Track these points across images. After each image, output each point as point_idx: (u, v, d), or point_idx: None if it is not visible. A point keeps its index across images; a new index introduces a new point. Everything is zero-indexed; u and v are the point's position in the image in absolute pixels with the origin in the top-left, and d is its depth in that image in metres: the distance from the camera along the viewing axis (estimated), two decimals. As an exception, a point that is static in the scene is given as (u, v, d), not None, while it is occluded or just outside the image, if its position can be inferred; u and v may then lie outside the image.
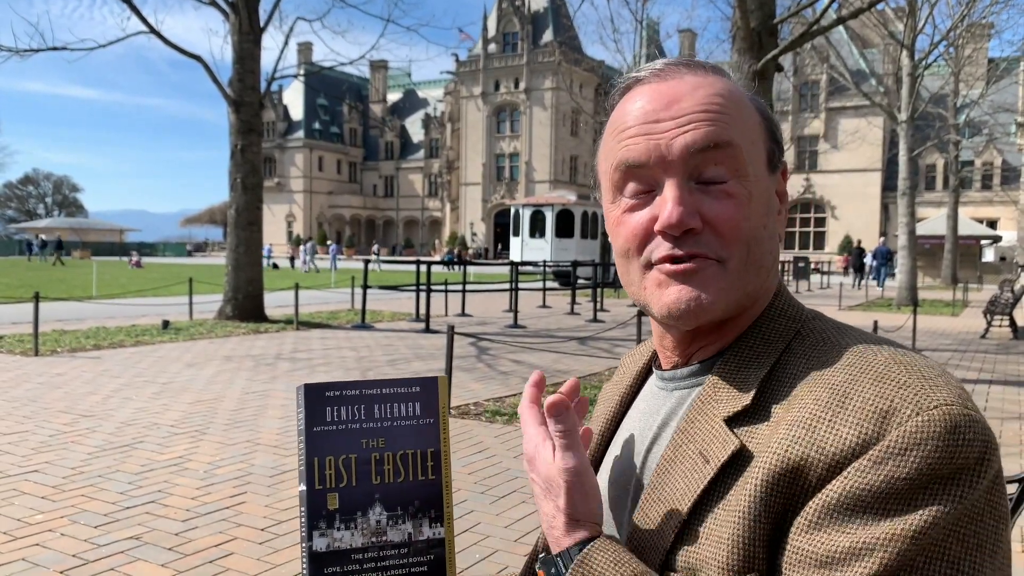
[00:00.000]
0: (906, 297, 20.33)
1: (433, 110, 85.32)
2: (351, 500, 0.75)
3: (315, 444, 0.74)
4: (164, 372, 8.73)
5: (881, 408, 0.64)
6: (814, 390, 0.69)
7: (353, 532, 0.75)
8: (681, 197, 0.74)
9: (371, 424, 0.77)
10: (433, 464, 0.79)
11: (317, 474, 0.74)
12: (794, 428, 0.67)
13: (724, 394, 0.75)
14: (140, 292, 19.95)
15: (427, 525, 0.78)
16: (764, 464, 0.67)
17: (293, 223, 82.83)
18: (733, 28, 9.09)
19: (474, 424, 6.53)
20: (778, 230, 0.81)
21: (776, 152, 0.81)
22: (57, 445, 5.58)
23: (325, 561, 0.74)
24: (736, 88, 0.80)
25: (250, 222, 13.90)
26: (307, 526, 0.73)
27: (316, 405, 0.75)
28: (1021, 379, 9.27)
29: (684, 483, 0.73)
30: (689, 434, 0.76)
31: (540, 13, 71.53)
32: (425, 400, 0.80)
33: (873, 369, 0.68)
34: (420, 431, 0.79)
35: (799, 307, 0.81)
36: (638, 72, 0.82)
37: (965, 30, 23.52)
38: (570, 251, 29.82)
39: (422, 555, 0.78)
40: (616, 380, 0.99)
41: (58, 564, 3.54)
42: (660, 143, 0.75)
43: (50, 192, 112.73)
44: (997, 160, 56.90)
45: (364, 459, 0.76)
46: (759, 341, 0.78)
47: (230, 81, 13.76)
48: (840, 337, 0.75)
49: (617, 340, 12.37)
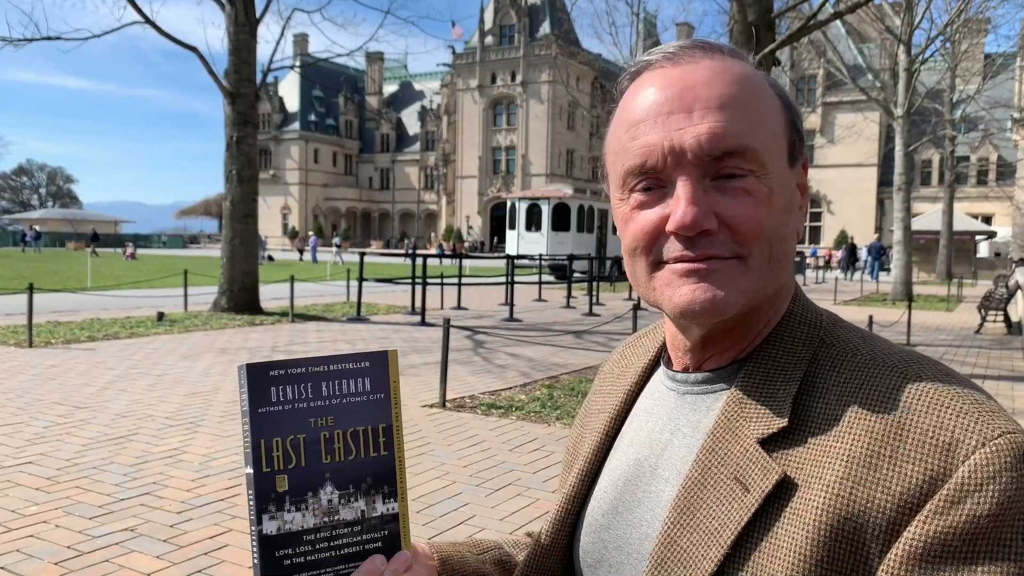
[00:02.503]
0: (901, 292, 20.40)
1: (429, 103, 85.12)
2: (301, 481, 0.73)
3: (261, 426, 0.72)
4: (159, 364, 8.72)
5: (944, 440, 0.62)
6: (863, 418, 0.66)
7: (304, 513, 0.73)
8: (695, 196, 0.69)
9: (319, 402, 0.75)
10: (385, 440, 0.78)
11: (264, 456, 0.72)
12: (853, 466, 0.64)
13: (753, 411, 0.71)
14: (135, 284, 19.89)
15: (380, 501, 0.77)
16: (821, 502, 0.64)
17: (288, 215, 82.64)
18: (730, 22, 9.08)
19: (469, 417, 6.53)
20: (798, 226, 0.76)
21: (797, 143, 0.76)
22: (51, 437, 5.57)
23: (276, 544, 0.72)
24: (756, 74, 0.74)
25: (245, 214, 13.86)
26: (256, 509, 0.72)
27: (260, 385, 0.73)
28: (1015, 374, 9.31)
29: (722, 511, 0.69)
30: (718, 455, 0.71)
31: (537, 6, 71.32)
32: (375, 375, 0.78)
33: (924, 395, 0.65)
34: (371, 407, 0.77)
35: (816, 310, 0.78)
36: (649, 55, 0.76)
37: (962, 25, 23.56)
38: (566, 245, 29.81)
39: (376, 531, 0.77)
40: (619, 372, 0.93)
41: (53, 555, 3.54)
42: (673, 139, 0.70)
43: (44, 183, 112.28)
44: (993, 156, 57.02)
45: (313, 439, 0.74)
46: (783, 351, 0.74)
47: (226, 72, 13.70)
48: (870, 350, 0.72)
49: (613, 334, 12.38)
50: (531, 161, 70.82)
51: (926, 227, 36.58)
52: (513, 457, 5.37)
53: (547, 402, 7.10)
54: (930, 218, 37.84)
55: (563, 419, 6.50)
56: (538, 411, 6.77)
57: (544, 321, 14.60)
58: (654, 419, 0.82)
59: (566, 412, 6.74)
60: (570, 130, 72.37)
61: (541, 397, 7.31)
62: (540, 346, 10.63)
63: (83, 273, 25.09)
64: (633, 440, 0.83)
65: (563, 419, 6.50)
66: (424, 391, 7.54)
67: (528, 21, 70.69)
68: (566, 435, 5.98)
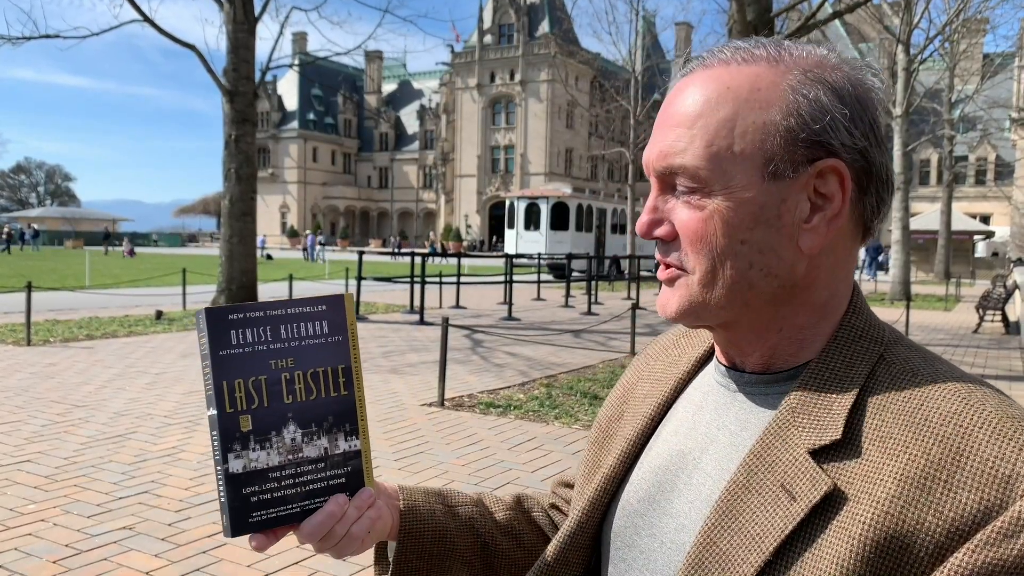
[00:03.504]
0: (899, 292, 20.41)
1: (428, 101, 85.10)
2: (264, 420, 0.75)
3: (222, 368, 0.74)
4: (157, 363, 8.71)
5: (1004, 473, 0.61)
6: (920, 440, 0.65)
7: (269, 451, 0.75)
8: (652, 206, 0.76)
9: (279, 344, 0.77)
10: (345, 380, 0.80)
11: (228, 397, 0.74)
12: (906, 486, 0.63)
13: (806, 420, 0.71)
14: (133, 282, 19.88)
15: (343, 439, 0.80)
16: (869, 518, 0.63)
17: (287, 214, 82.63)
18: (729, 21, 9.09)
19: (468, 416, 6.53)
20: (804, 241, 0.73)
21: (796, 153, 0.71)
22: (50, 435, 5.57)
23: (242, 482, 0.74)
24: (758, 80, 0.72)
25: (244, 212, 13.85)
26: (221, 449, 0.73)
27: (220, 329, 0.74)
28: (1013, 374, 9.33)
29: (765, 518, 0.69)
30: (766, 461, 0.71)
31: (536, 5, 71.33)
32: (332, 318, 0.80)
33: (987, 424, 0.64)
34: (329, 349, 0.80)
35: (880, 326, 0.77)
36: (691, 59, 0.80)
37: (960, 25, 23.58)
38: (565, 244, 29.79)
39: (339, 467, 0.79)
40: (670, 359, 0.93)
41: (51, 554, 3.54)
42: (648, 151, 0.77)
43: (43, 181, 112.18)
44: (991, 155, 57.10)
45: (274, 379, 0.76)
46: (842, 364, 0.73)
47: (224, 71, 13.69)
48: (932, 372, 0.71)
49: (611, 333, 12.38)
50: (530, 160, 70.82)
51: (924, 227, 36.65)
52: (511, 456, 5.37)
53: (545, 401, 7.10)
54: (928, 218, 37.91)
55: (561, 418, 6.51)
56: (536, 410, 6.77)
57: (543, 320, 14.60)
58: (702, 412, 0.82)
59: (564, 411, 6.74)
60: (569, 129, 72.37)
61: (539, 396, 7.31)
62: (539, 345, 10.63)
63: (81, 271, 25.06)
64: (677, 430, 0.83)
65: (561, 418, 6.51)
66: (423, 390, 7.54)
67: (527, 20, 70.70)
68: (564, 434, 6.00)
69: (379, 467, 4.98)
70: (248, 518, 0.75)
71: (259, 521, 0.75)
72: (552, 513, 1.04)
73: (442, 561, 0.93)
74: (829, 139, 0.71)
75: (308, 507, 0.78)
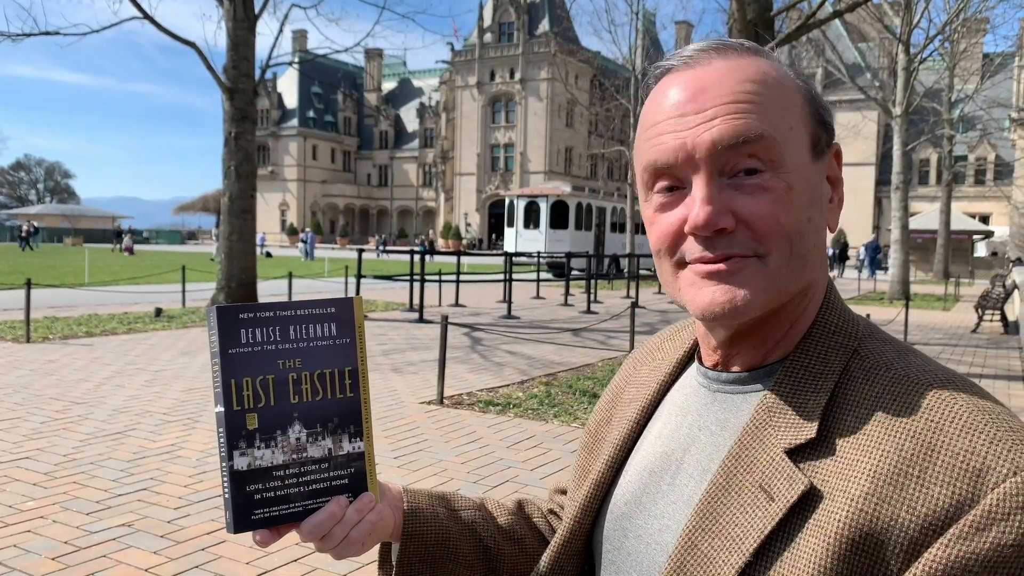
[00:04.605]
0: (898, 291, 20.42)
1: (428, 99, 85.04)
2: (270, 419, 0.76)
3: (231, 366, 0.75)
4: (157, 360, 8.71)
5: (974, 466, 0.62)
6: (893, 435, 0.65)
7: (274, 450, 0.76)
8: (710, 196, 0.70)
9: (287, 345, 0.78)
10: (351, 382, 0.81)
11: (235, 395, 0.75)
12: (880, 483, 0.64)
13: (782, 420, 0.72)
14: (133, 279, 19.87)
15: (347, 440, 0.80)
16: (844, 516, 0.64)
17: (287, 212, 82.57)
18: (729, 20, 9.08)
19: (467, 414, 6.53)
20: (828, 220, 0.76)
21: (823, 136, 0.75)
22: (49, 432, 5.57)
23: (247, 479, 0.75)
24: (774, 69, 0.74)
25: (243, 210, 13.84)
26: (227, 446, 0.74)
27: (230, 327, 0.75)
28: (1011, 373, 9.33)
29: (745, 519, 0.69)
30: (744, 462, 0.72)
31: (536, 3, 71.27)
32: (341, 320, 0.81)
33: (958, 417, 0.65)
34: (337, 351, 0.80)
35: (854, 320, 0.77)
36: (669, 59, 0.78)
37: (960, 25, 23.58)
38: (564, 242, 29.80)
39: (343, 468, 0.80)
40: (655, 363, 0.93)
41: (50, 551, 3.54)
42: (687, 139, 0.71)
43: (42, 178, 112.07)
44: (991, 155, 57.11)
45: (282, 379, 0.77)
46: (816, 360, 0.74)
47: (224, 68, 13.66)
48: (905, 366, 0.71)
49: (611, 331, 12.39)
50: (529, 158, 70.79)
51: (924, 226, 36.66)
52: (511, 454, 5.38)
53: (545, 399, 7.11)
54: (928, 217, 37.92)
55: (560, 416, 6.51)
56: (536, 408, 6.77)
57: (542, 319, 14.60)
58: (684, 414, 0.82)
59: (564, 410, 6.74)
60: (569, 128, 72.32)
61: (539, 394, 7.31)
62: (538, 343, 10.63)
63: (80, 269, 25.05)
64: (661, 432, 0.84)
65: (560, 416, 6.51)
66: (422, 388, 7.54)
67: (527, 18, 70.64)
68: (563, 432, 6.00)
69: (379, 465, 4.96)
70: (251, 515, 0.75)
71: (262, 518, 0.76)
72: (551, 519, 1.05)
73: (444, 564, 0.93)
74: (831, 123, 0.76)
75: (310, 506, 0.78)
